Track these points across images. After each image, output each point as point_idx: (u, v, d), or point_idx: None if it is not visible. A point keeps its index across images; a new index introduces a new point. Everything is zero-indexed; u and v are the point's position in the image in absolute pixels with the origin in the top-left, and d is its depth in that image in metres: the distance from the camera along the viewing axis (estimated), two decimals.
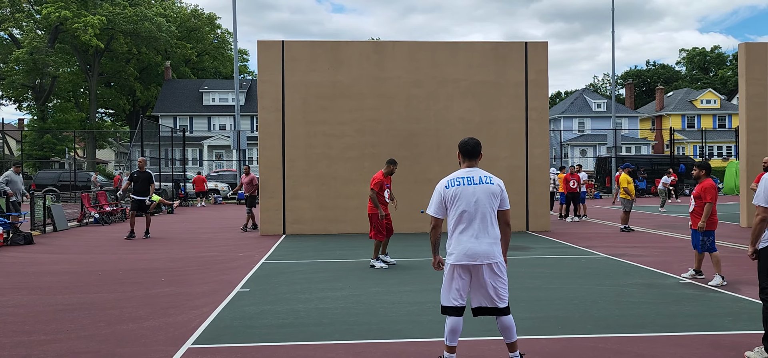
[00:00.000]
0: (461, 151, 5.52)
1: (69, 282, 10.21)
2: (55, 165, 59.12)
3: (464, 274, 5.31)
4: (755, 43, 19.47)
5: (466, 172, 5.42)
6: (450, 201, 5.34)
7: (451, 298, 5.34)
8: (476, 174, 5.40)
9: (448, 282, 5.37)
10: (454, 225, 5.33)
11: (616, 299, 8.52)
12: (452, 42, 19.26)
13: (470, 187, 5.32)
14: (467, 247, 5.25)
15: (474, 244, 5.26)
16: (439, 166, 18.06)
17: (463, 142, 5.53)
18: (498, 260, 5.32)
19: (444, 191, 5.37)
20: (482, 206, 5.30)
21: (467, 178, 5.37)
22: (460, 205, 5.30)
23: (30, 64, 54.34)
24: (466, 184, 5.34)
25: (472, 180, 5.35)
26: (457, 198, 5.32)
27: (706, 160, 7.58)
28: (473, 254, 5.24)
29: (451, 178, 5.42)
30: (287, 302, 8.46)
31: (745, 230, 17.95)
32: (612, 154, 41.99)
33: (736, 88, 73.15)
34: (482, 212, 5.29)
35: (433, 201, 5.42)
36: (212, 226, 21.24)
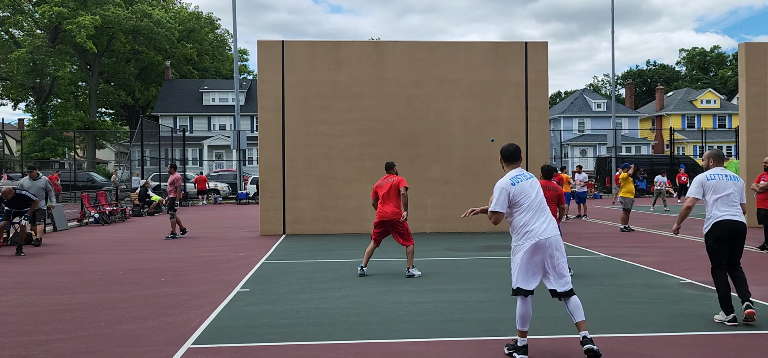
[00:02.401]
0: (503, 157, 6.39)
1: (69, 282, 10.21)
2: (55, 165, 59.13)
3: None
4: (755, 43, 19.47)
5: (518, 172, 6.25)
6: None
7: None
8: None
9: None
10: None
11: (616, 299, 8.52)
12: (452, 42, 19.27)
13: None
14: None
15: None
16: (439, 166, 18.08)
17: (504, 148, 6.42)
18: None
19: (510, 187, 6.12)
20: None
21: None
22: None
23: (30, 64, 54.36)
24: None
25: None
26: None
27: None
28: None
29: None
30: (287, 302, 8.46)
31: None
32: (612, 154, 42.00)
33: (736, 88, 73.13)
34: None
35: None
36: (212, 225, 21.23)
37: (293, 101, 18.00)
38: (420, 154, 18.04)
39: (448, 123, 18.22)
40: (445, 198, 17.72)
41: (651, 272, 10.81)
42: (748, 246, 14.17)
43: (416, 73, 18.21)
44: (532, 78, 18.41)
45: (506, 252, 13.51)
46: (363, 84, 18.13)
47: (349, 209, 17.87)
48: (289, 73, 18.02)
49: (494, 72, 18.35)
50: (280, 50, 18.06)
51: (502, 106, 18.33)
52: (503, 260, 11.95)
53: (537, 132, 18.42)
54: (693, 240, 15.70)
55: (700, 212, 25.24)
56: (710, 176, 7.36)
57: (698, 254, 13.10)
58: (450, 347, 6.35)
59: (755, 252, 13.29)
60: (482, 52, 18.44)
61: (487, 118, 18.27)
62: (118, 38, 58.33)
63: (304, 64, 18.06)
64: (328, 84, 18.06)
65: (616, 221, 20.92)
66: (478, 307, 8.07)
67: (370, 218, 17.00)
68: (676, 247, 14.38)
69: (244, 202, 35.35)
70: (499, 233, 16.91)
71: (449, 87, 18.24)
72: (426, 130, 18.17)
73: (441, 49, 18.47)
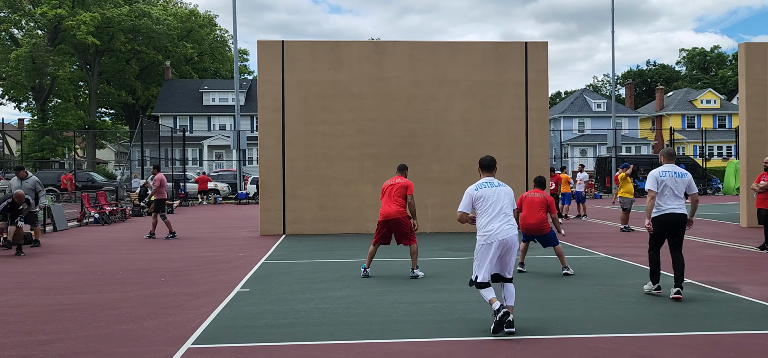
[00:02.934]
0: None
1: (69, 282, 10.21)
2: (55, 165, 59.13)
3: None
4: (755, 43, 19.46)
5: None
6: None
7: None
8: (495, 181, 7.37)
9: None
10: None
11: (616, 299, 8.52)
12: (452, 42, 19.26)
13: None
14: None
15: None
16: (439, 166, 18.08)
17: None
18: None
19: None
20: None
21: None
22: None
23: (30, 64, 54.36)
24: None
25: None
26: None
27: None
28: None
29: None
30: (287, 302, 8.46)
31: (746, 230, 17.95)
32: (612, 154, 41.99)
33: (736, 88, 73.14)
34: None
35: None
36: (212, 226, 21.24)
37: (293, 101, 17.99)
38: (420, 154, 18.04)
39: (448, 123, 18.21)
40: (445, 198, 17.71)
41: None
42: (748, 246, 14.18)
43: (416, 73, 18.20)
44: (532, 78, 18.41)
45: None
46: (363, 84, 18.13)
47: (349, 209, 17.87)
48: (289, 73, 18.01)
49: (494, 72, 18.34)
50: (280, 50, 18.06)
51: (502, 106, 18.33)
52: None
53: (537, 132, 18.42)
54: (693, 240, 15.70)
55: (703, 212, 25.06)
56: (662, 173, 8.41)
57: (698, 254, 13.11)
58: (450, 347, 6.36)
59: (755, 252, 13.29)
60: (482, 52, 18.44)
61: (487, 118, 18.27)
62: (118, 38, 58.33)
63: (304, 64, 18.06)
64: (328, 84, 18.05)
65: (616, 221, 20.91)
66: (478, 307, 8.07)
67: (370, 218, 17.02)
68: None
69: (244, 202, 35.36)
70: None
71: (449, 87, 18.24)
72: (426, 130, 18.17)
73: (441, 49, 18.47)
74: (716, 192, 44.69)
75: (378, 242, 10.43)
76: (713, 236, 16.39)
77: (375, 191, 17.45)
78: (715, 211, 26.14)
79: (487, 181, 7.33)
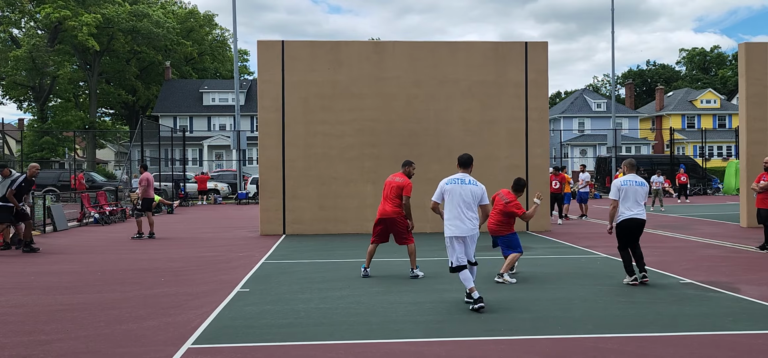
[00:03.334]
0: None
1: (69, 282, 10.21)
2: (55, 165, 59.11)
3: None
4: (755, 43, 19.46)
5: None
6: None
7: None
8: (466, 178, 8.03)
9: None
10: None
11: (616, 299, 8.52)
12: (452, 42, 19.27)
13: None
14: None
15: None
16: (439, 166, 18.04)
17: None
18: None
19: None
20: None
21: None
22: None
23: (30, 63, 54.35)
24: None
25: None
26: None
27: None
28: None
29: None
30: (287, 302, 8.46)
31: (746, 230, 17.95)
32: (612, 154, 41.99)
33: (736, 88, 73.13)
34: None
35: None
36: (212, 226, 21.24)
37: (293, 101, 17.99)
38: (420, 154, 18.03)
39: (448, 123, 18.21)
40: None
41: (651, 272, 10.79)
42: (748, 246, 14.18)
43: (416, 73, 18.20)
44: (532, 78, 18.41)
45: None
46: (363, 84, 18.13)
47: (349, 208, 17.87)
48: (289, 73, 18.01)
49: (494, 72, 18.34)
50: (280, 50, 18.06)
51: (502, 106, 18.33)
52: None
53: (537, 132, 18.42)
54: (693, 240, 15.72)
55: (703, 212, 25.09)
56: (624, 182, 9.45)
57: (698, 254, 13.11)
58: (450, 347, 6.35)
59: (755, 252, 13.29)
60: (482, 52, 18.44)
61: (487, 118, 18.27)
62: (118, 38, 58.33)
63: (304, 64, 18.06)
64: (328, 84, 18.05)
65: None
66: None
67: (370, 218, 16.97)
68: (676, 247, 14.38)
69: (244, 202, 35.36)
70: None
71: (449, 87, 18.24)
72: (426, 130, 18.17)
73: (441, 49, 18.47)
74: (716, 192, 44.70)
75: (376, 241, 10.41)
76: (713, 236, 16.39)
77: (375, 191, 17.45)
78: (715, 211, 26.15)
79: (459, 177, 8.06)
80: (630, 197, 9.38)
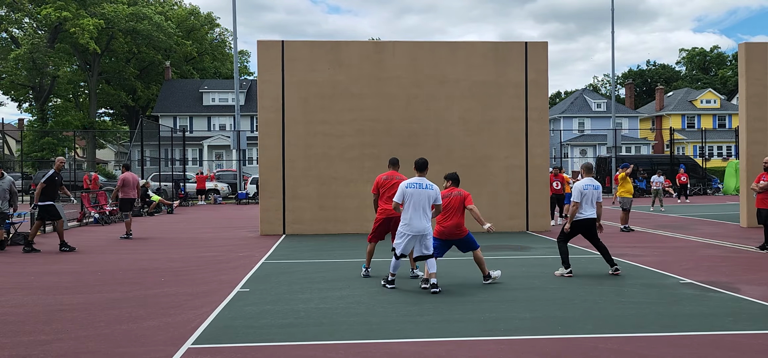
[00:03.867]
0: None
1: (69, 282, 10.21)
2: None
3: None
4: (755, 43, 19.46)
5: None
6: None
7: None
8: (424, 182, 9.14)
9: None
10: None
11: (616, 299, 8.52)
12: (452, 42, 19.26)
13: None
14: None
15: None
16: (439, 166, 18.01)
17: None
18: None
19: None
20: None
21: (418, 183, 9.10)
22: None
23: (30, 63, 54.33)
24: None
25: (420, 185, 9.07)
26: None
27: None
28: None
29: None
30: (287, 302, 8.46)
31: (746, 230, 17.95)
32: (612, 154, 41.99)
33: (736, 88, 73.14)
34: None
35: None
36: (212, 226, 21.24)
37: (293, 101, 17.99)
38: (420, 154, 17.96)
39: (448, 123, 18.21)
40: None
41: (651, 272, 10.81)
42: (748, 246, 14.17)
43: (416, 73, 18.20)
44: (532, 78, 18.41)
45: (506, 252, 13.53)
46: (363, 84, 18.12)
47: (349, 208, 17.87)
48: (289, 73, 18.01)
49: (494, 72, 18.34)
50: (280, 50, 18.06)
51: (502, 106, 18.33)
52: (503, 260, 11.96)
53: (537, 132, 18.42)
54: (693, 240, 15.71)
55: (703, 212, 25.04)
56: (585, 186, 10.25)
57: (698, 254, 13.11)
58: (450, 347, 6.35)
59: (755, 252, 13.29)
60: (482, 52, 18.44)
61: (487, 118, 18.27)
62: (118, 38, 58.30)
63: (304, 64, 18.06)
64: (328, 84, 18.05)
65: (615, 221, 20.92)
66: (478, 307, 8.08)
67: (370, 218, 16.95)
68: (676, 247, 14.38)
69: (244, 202, 35.36)
70: (498, 234, 16.91)
71: (449, 87, 18.24)
72: (426, 130, 18.17)
73: (441, 50, 18.47)
74: (716, 192, 44.70)
75: (375, 239, 10.38)
76: (713, 236, 16.39)
77: None
78: (715, 211, 26.15)
79: (417, 181, 9.10)
80: (589, 199, 10.23)
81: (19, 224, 16.37)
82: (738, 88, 24.13)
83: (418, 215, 8.92)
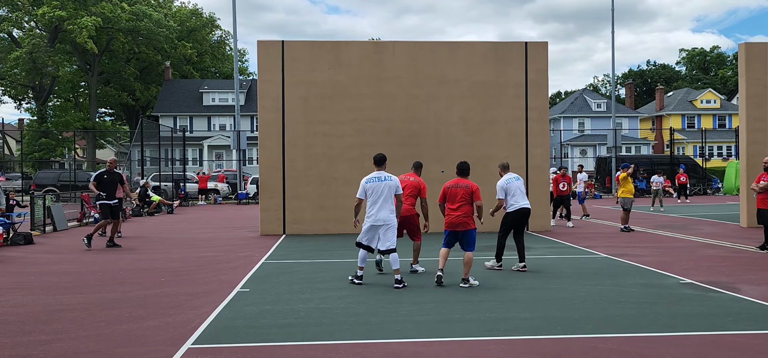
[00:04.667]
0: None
1: (69, 282, 10.21)
2: (55, 165, 59.11)
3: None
4: (755, 43, 19.45)
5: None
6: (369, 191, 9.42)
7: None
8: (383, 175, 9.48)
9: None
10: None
11: (616, 299, 8.52)
12: (452, 42, 19.26)
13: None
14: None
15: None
16: (440, 166, 18.06)
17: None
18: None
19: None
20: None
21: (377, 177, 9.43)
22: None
23: (30, 63, 54.32)
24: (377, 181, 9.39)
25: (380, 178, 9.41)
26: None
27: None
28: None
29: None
30: (287, 302, 8.46)
31: (745, 230, 17.95)
32: (612, 154, 41.99)
33: (736, 88, 73.11)
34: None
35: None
36: (212, 226, 21.23)
37: (293, 101, 17.99)
38: (420, 154, 17.99)
39: (448, 123, 18.21)
40: None
41: (651, 272, 10.81)
42: (748, 246, 14.17)
43: (416, 73, 18.20)
44: (532, 78, 18.40)
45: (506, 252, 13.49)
46: (363, 84, 18.12)
47: (349, 209, 17.74)
48: (289, 73, 18.01)
49: (494, 72, 18.34)
50: (280, 50, 18.06)
51: (502, 106, 18.32)
52: (503, 260, 11.93)
53: (537, 132, 18.42)
54: (693, 240, 15.71)
55: (703, 212, 25.05)
56: (507, 181, 10.84)
57: (698, 254, 13.10)
58: (450, 347, 6.35)
59: (755, 252, 13.28)
60: (482, 52, 18.44)
61: (487, 118, 18.27)
62: (118, 38, 58.28)
63: (304, 64, 18.06)
64: (328, 84, 18.05)
65: (615, 221, 20.92)
66: (478, 307, 8.08)
67: None
68: (676, 247, 14.38)
69: (244, 202, 35.36)
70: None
71: (449, 87, 18.24)
72: (426, 131, 18.17)
73: (441, 49, 18.47)
74: (716, 192, 44.70)
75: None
76: (713, 236, 16.39)
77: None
78: (715, 211, 26.15)
79: (377, 175, 9.45)
80: (518, 192, 10.77)
81: (19, 224, 16.39)
82: (738, 88, 24.12)
83: (380, 206, 9.30)
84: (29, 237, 15.92)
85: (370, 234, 9.48)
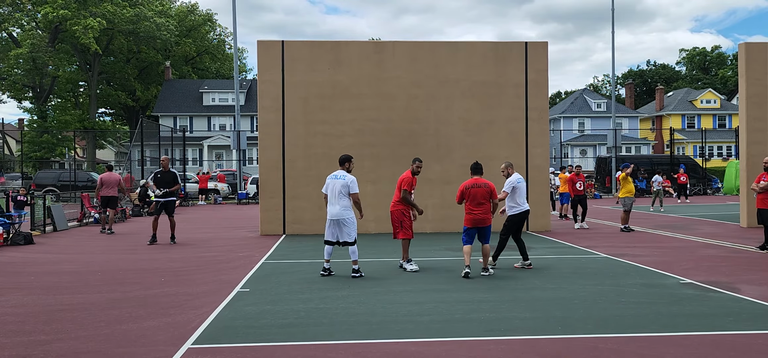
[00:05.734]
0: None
1: (69, 282, 10.21)
2: (55, 165, 59.11)
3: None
4: (755, 43, 19.45)
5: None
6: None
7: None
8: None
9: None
10: None
11: (616, 299, 8.52)
12: (452, 42, 19.26)
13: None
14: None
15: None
16: (439, 166, 18.07)
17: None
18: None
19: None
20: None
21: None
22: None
23: (30, 63, 54.30)
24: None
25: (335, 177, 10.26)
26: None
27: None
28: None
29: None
30: (287, 302, 8.46)
31: (746, 230, 17.95)
32: (612, 154, 41.99)
33: (736, 88, 73.12)
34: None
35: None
36: (212, 226, 21.23)
37: (293, 101, 17.99)
38: (420, 154, 17.99)
39: (448, 123, 18.21)
40: (445, 198, 17.71)
41: (651, 272, 10.81)
42: (748, 246, 14.18)
43: (416, 73, 18.20)
44: (532, 78, 18.40)
45: (506, 252, 13.50)
46: (363, 84, 18.12)
47: None
48: (289, 73, 18.01)
49: (494, 72, 18.34)
50: (280, 50, 18.06)
51: (502, 106, 18.32)
52: (503, 260, 11.95)
53: (537, 132, 18.42)
54: (693, 240, 15.72)
55: (703, 212, 25.00)
56: (519, 181, 11.02)
57: (698, 254, 13.11)
58: (450, 347, 6.36)
59: (755, 252, 13.28)
60: (482, 53, 18.44)
61: (487, 118, 18.27)
62: (118, 38, 58.26)
63: (304, 64, 18.06)
64: (328, 84, 18.05)
65: (615, 221, 20.92)
66: (478, 307, 8.08)
67: (370, 218, 17.02)
68: (676, 247, 14.38)
69: (244, 202, 35.36)
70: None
71: (449, 87, 18.24)
72: (426, 131, 18.17)
73: (441, 50, 18.47)
74: (716, 192, 44.70)
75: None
76: (713, 236, 16.39)
77: (375, 191, 17.45)
78: (715, 211, 26.15)
79: (335, 173, 10.33)
80: (522, 193, 11.02)
81: (19, 223, 16.38)
82: (738, 88, 24.13)
83: (332, 202, 10.18)
84: (29, 237, 15.91)
85: (330, 229, 10.29)
